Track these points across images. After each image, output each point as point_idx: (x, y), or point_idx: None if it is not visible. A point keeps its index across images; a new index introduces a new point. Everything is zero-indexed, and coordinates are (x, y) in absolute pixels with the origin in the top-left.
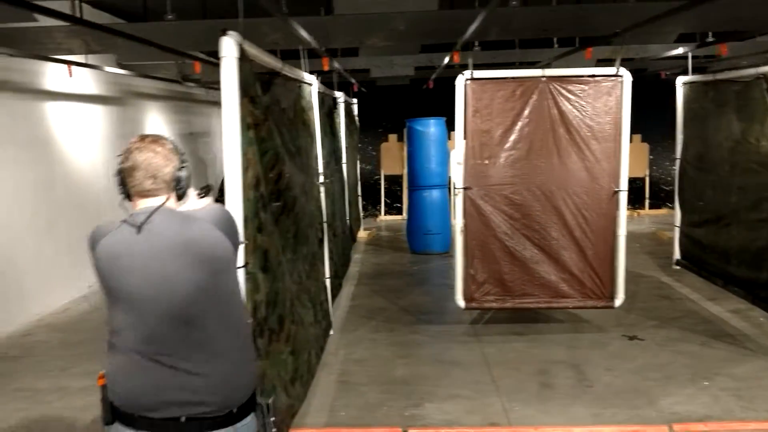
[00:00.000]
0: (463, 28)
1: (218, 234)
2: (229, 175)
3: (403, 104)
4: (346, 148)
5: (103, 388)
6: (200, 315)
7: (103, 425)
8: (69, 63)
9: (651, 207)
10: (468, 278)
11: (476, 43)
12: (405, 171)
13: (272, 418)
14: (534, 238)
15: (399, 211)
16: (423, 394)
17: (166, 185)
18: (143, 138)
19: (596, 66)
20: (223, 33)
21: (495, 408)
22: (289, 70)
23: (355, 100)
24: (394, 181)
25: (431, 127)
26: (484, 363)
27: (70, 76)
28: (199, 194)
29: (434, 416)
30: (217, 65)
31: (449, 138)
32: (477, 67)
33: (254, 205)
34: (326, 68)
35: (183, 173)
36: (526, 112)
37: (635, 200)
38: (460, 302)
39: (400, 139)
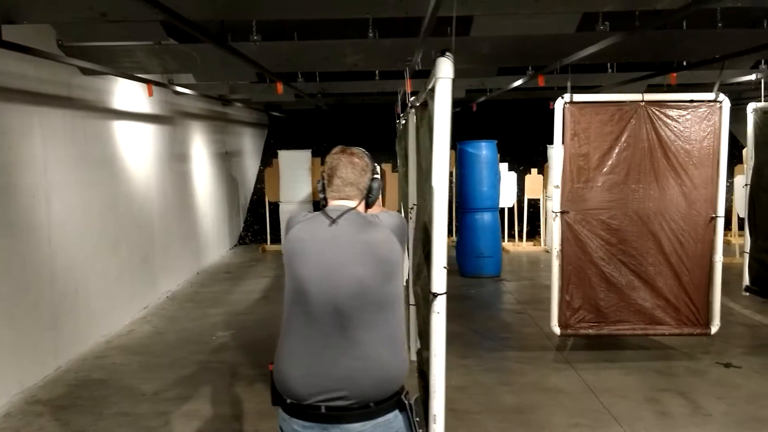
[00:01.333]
0: (556, 51)
1: (394, 240)
2: (437, 197)
3: None
4: None
5: (271, 373)
6: (357, 310)
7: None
8: (149, 82)
9: None
10: (563, 304)
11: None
12: None
13: (417, 419)
14: (630, 263)
15: None
16: (542, 423)
17: (360, 192)
18: (343, 150)
19: (647, 92)
20: (442, 54)
21: None
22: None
23: None
24: None
25: (483, 149)
26: (588, 391)
27: (150, 95)
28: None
29: None
30: (288, 86)
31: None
32: (523, 91)
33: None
34: (409, 89)
35: (375, 184)
36: (624, 136)
37: None
38: (556, 329)
39: None
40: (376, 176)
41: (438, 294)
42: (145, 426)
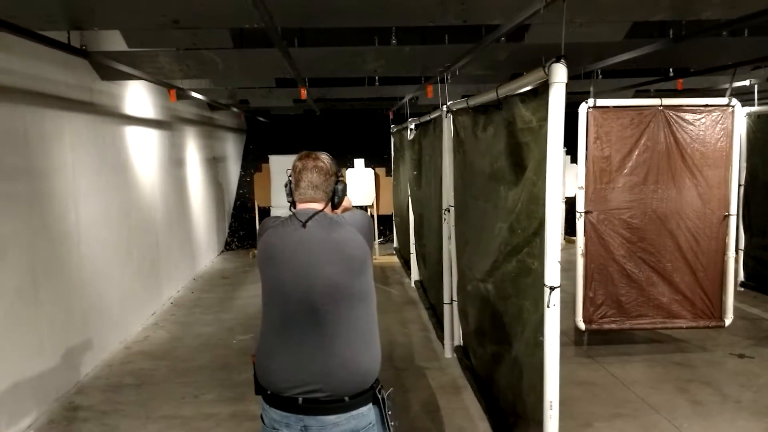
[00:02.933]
0: (581, 59)
1: (360, 238)
2: (550, 196)
3: None
4: None
5: (253, 365)
6: (331, 306)
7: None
8: (171, 87)
9: None
10: (587, 300)
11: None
12: None
13: (389, 412)
14: (649, 260)
15: None
16: (584, 415)
17: (325, 195)
18: (309, 155)
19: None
20: (557, 60)
21: (664, 425)
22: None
23: None
24: None
25: None
26: (619, 383)
27: (173, 101)
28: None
29: None
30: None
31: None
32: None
33: None
34: (430, 95)
35: (339, 186)
36: (644, 139)
37: None
38: (581, 324)
39: None
40: (340, 179)
41: (554, 287)
42: (197, 427)
